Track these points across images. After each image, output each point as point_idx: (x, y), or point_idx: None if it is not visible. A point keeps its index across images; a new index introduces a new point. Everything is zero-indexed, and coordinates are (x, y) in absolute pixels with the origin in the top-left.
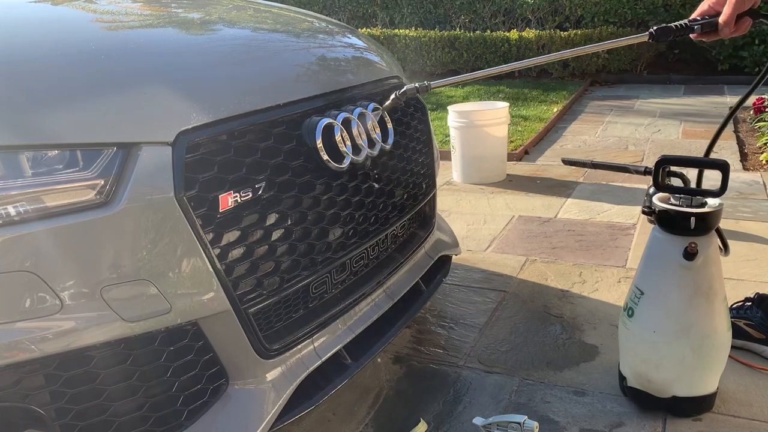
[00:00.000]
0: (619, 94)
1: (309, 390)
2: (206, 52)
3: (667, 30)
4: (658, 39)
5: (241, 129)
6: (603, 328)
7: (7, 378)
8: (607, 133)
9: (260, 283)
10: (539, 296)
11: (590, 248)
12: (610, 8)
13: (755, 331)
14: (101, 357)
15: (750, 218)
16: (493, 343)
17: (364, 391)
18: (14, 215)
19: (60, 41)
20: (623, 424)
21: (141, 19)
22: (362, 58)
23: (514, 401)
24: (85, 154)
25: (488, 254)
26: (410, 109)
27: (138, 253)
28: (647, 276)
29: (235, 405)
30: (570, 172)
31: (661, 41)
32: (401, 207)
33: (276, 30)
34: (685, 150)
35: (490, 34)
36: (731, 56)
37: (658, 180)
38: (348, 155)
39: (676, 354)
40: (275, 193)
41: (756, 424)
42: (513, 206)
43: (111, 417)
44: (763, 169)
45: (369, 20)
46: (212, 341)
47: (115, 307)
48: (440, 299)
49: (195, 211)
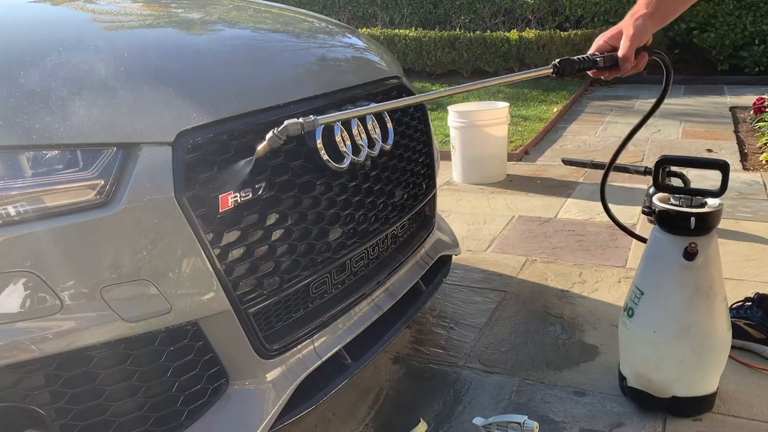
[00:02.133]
0: (619, 94)
1: (309, 390)
2: (206, 52)
3: (570, 62)
4: (563, 72)
5: (241, 129)
6: (603, 328)
7: (7, 378)
8: (607, 133)
9: (260, 283)
10: (539, 296)
11: (590, 248)
12: (610, 8)
13: (755, 331)
14: (101, 357)
15: (750, 218)
16: (493, 343)
17: (364, 391)
18: (14, 215)
19: (60, 41)
20: (623, 424)
21: (141, 19)
22: (362, 58)
23: (514, 401)
24: (85, 154)
25: (488, 254)
26: (410, 109)
27: (138, 253)
28: (647, 276)
29: (235, 405)
30: (570, 172)
31: (566, 74)
32: (401, 207)
33: (276, 30)
34: (685, 150)
35: (490, 34)
36: (731, 56)
37: (658, 180)
38: (348, 155)
39: (676, 354)
40: (275, 194)
41: (756, 424)
42: (513, 206)
43: (111, 417)
44: (763, 169)
45: (369, 20)
46: (212, 341)
47: (115, 307)
48: (440, 299)
49: (195, 212)
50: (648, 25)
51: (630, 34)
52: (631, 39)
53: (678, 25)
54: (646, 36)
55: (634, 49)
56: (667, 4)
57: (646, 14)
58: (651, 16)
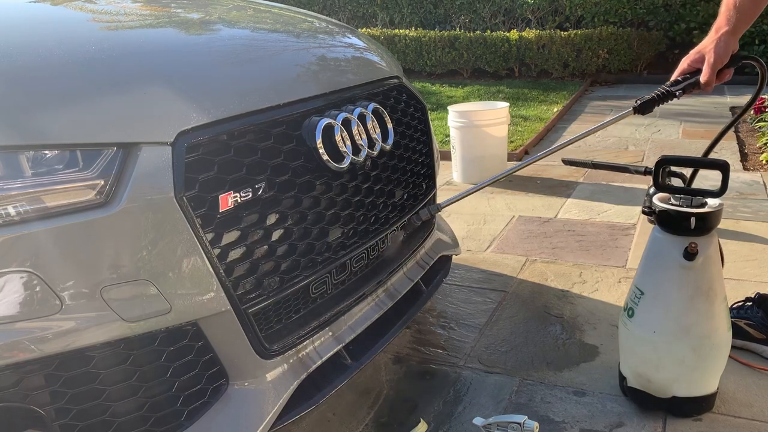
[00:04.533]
0: (619, 94)
1: (309, 390)
2: (206, 52)
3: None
4: (644, 112)
5: (241, 129)
6: (603, 328)
7: (7, 378)
8: (607, 133)
9: (260, 283)
10: (539, 296)
11: (590, 248)
12: (610, 8)
13: (755, 331)
14: (101, 357)
15: (750, 218)
16: (494, 344)
17: (364, 391)
18: (14, 215)
19: (60, 41)
20: (623, 424)
21: (141, 19)
22: (362, 58)
23: (514, 401)
24: (85, 154)
25: (488, 254)
26: (410, 109)
27: (138, 253)
28: (647, 276)
29: (235, 405)
30: (570, 172)
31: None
32: (401, 207)
33: (276, 30)
34: (685, 150)
35: (490, 34)
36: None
37: (658, 180)
38: (348, 155)
39: (676, 354)
40: (275, 194)
41: (756, 424)
42: (513, 206)
43: (111, 417)
44: (763, 169)
45: (369, 20)
46: (212, 341)
47: (115, 307)
48: (440, 299)
49: (195, 212)
50: (730, 43)
51: (711, 62)
52: (712, 66)
53: (678, 25)
54: (728, 55)
55: (714, 74)
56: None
57: (728, 32)
58: (733, 32)
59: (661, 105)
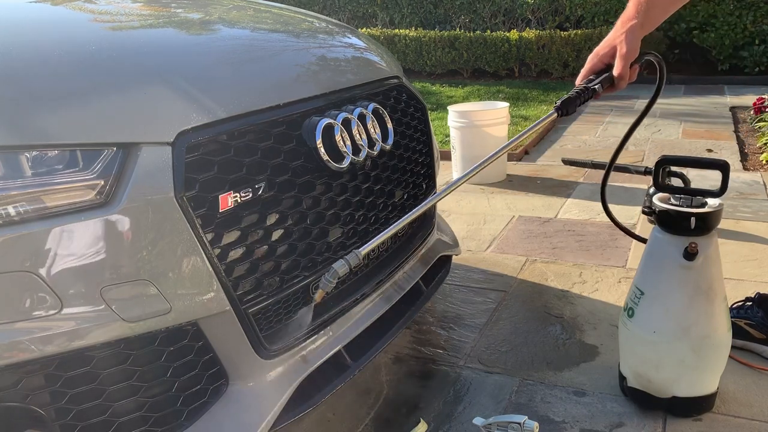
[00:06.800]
0: (619, 94)
1: (309, 390)
2: (206, 52)
3: (572, 101)
4: (567, 112)
5: (241, 129)
6: (603, 328)
7: (7, 378)
8: (607, 133)
9: (260, 283)
10: (539, 296)
11: (590, 248)
12: (610, 8)
13: (756, 331)
14: (101, 357)
15: (750, 218)
16: (494, 344)
17: (364, 391)
18: (14, 215)
19: (60, 41)
20: (623, 424)
21: (141, 19)
22: (362, 58)
23: (514, 401)
24: (85, 154)
25: (488, 254)
26: (410, 109)
27: (138, 253)
28: (647, 276)
29: (235, 405)
30: (570, 172)
31: (570, 113)
32: (401, 207)
33: (276, 30)
34: (685, 150)
35: (490, 34)
36: (731, 56)
37: (658, 180)
38: (348, 155)
39: (676, 354)
40: (275, 194)
41: (756, 424)
42: (513, 206)
43: (111, 417)
44: (763, 169)
45: (369, 20)
46: (212, 341)
47: (115, 307)
48: (440, 299)
49: (195, 212)
50: (638, 35)
51: (623, 53)
52: (625, 57)
53: (678, 24)
54: (638, 48)
55: (628, 67)
56: (656, 10)
57: (636, 25)
58: (641, 26)
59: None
